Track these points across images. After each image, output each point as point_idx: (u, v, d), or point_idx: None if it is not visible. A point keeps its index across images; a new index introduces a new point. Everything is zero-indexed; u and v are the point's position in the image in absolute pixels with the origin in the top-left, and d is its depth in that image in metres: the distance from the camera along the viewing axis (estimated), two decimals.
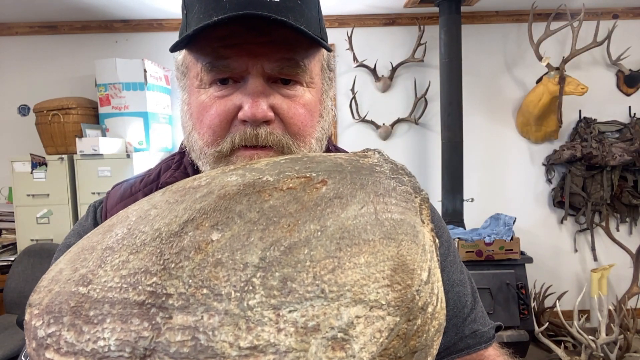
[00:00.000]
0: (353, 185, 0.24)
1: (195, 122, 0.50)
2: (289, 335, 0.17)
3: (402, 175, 0.27)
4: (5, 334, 2.25)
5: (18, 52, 3.16)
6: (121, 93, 2.80)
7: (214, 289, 0.18)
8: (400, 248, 0.21)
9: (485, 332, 0.57)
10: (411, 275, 0.20)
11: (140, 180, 0.60)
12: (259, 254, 0.19)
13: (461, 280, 0.58)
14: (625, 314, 2.58)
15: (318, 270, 0.19)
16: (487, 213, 3.00)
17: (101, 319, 0.18)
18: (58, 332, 0.19)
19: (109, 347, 0.18)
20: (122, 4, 2.85)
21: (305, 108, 0.50)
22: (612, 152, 3.00)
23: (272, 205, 0.22)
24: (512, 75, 3.27)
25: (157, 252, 0.20)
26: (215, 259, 0.19)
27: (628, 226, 3.30)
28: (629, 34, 3.19)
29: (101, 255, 0.21)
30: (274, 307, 0.18)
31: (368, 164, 0.27)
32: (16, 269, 2.54)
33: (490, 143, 3.29)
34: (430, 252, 0.23)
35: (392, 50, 3.21)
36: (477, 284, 2.68)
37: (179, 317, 0.18)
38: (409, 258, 0.21)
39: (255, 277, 0.19)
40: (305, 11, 0.47)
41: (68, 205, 2.69)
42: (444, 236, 0.59)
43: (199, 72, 0.49)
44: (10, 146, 3.15)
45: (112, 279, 0.19)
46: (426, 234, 0.24)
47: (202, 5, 0.46)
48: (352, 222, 0.21)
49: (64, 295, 0.20)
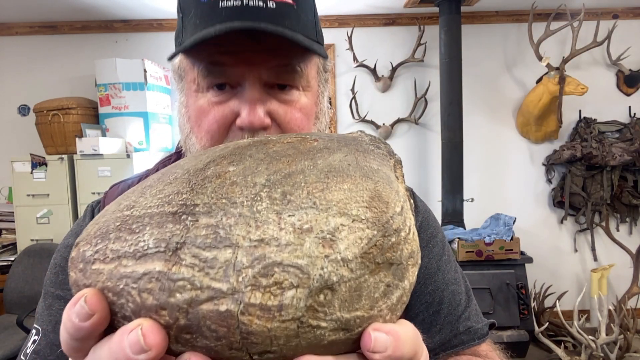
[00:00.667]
0: (339, 143, 0.30)
1: (193, 125, 0.51)
2: (288, 233, 0.23)
3: (379, 143, 0.33)
4: (5, 334, 2.25)
5: (18, 52, 3.16)
6: (121, 93, 2.80)
7: (230, 199, 0.24)
8: (376, 185, 0.26)
9: (479, 329, 0.58)
10: (386, 205, 0.25)
11: (138, 179, 0.61)
12: (265, 177, 0.26)
13: (455, 279, 0.59)
14: (625, 314, 2.58)
15: (311, 189, 0.25)
16: (487, 213, 3.00)
17: (142, 228, 0.24)
18: (104, 246, 0.24)
19: (148, 246, 0.23)
20: (122, 4, 2.85)
21: (301, 112, 0.51)
22: (612, 152, 3.00)
23: (275, 150, 0.28)
24: (512, 75, 3.27)
25: (186, 180, 0.26)
26: (232, 181, 0.25)
27: (628, 226, 3.30)
28: (629, 34, 3.19)
29: (141, 190, 0.27)
30: (277, 212, 0.24)
31: (352, 136, 0.33)
32: (16, 269, 2.54)
33: (490, 143, 3.29)
34: (403, 199, 0.27)
35: (392, 50, 3.22)
36: (477, 284, 2.68)
37: (203, 219, 0.23)
38: (384, 193, 0.26)
39: (263, 191, 0.25)
40: (301, 16, 0.47)
41: (68, 205, 2.69)
42: (438, 236, 0.60)
43: (195, 77, 0.50)
44: (10, 146, 3.15)
45: (151, 201, 0.25)
46: (400, 187, 0.29)
47: (199, 11, 0.46)
48: (338, 163, 0.27)
49: (110, 221, 0.25)
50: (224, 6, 0.45)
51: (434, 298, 0.57)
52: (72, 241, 0.55)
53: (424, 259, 0.58)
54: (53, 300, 0.54)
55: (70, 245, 0.55)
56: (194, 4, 0.47)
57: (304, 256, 0.22)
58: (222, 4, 0.45)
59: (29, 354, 0.52)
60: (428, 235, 0.60)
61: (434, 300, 0.57)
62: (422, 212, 0.61)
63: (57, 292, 0.54)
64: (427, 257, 0.58)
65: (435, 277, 0.58)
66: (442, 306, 0.57)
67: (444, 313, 0.57)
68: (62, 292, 0.54)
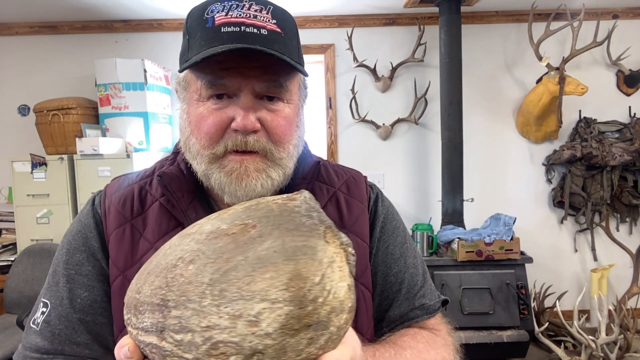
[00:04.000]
0: (273, 226, 0.38)
1: (193, 128, 0.60)
2: (225, 320, 0.33)
3: (312, 212, 0.41)
4: (5, 334, 2.25)
5: (18, 52, 3.16)
6: (121, 93, 2.80)
7: (188, 296, 0.34)
8: (297, 264, 0.35)
9: (431, 305, 0.71)
10: (304, 281, 0.34)
11: (137, 174, 0.70)
12: (209, 277, 0.35)
13: (414, 264, 0.72)
14: (625, 314, 2.58)
15: (240, 284, 0.34)
16: (487, 213, 3.00)
17: (144, 311, 0.37)
18: (129, 318, 0.39)
19: (148, 326, 0.36)
20: (122, 4, 2.85)
21: (285, 120, 0.61)
22: (612, 152, 3.00)
23: (220, 246, 0.37)
24: (512, 75, 3.27)
25: (164, 276, 0.37)
26: (189, 281, 0.35)
27: (628, 226, 3.30)
28: (629, 34, 3.19)
29: (145, 277, 0.39)
30: (217, 305, 0.33)
31: (291, 207, 0.41)
32: (16, 269, 2.54)
33: (490, 143, 3.29)
34: (328, 263, 0.37)
35: (392, 50, 3.22)
36: (477, 284, 2.69)
37: (173, 312, 0.35)
38: (303, 270, 0.35)
39: (207, 290, 0.34)
40: (287, 42, 0.58)
41: (68, 205, 2.69)
42: (400, 227, 0.74)
43: (199, 88, 0.59)
44: (10, 146, 3.15)
45: (147, 290, 0.38)
46: (329, 250, 0.38)
47: (204, 35, 0.57)
48: (265, 253, 0.35)
49: (131, 298, 0.40)
50: (226, 31, 0.55)
51: (397, 279, 0.70)
52: (78, 227, 0.66)
53: (390, 246, 0.71)
54: (60, 278, 0.63)
55: (75, 230, 0.66)
56: (200, 29, 0.57)
57: (237, 335, 0.33)
58: (224, 29, 0.55)
59: (39, 323, 0.62)
60: (392, 226, 0.72)
61: (396, 280, 0.70)
62: (387, 207, 0.74)
63: (64, 271, 0.63)
64: (392, 244, 0.71)
65: (399, 261, 0.70)
66: (402, 285, 0.70)
67: (404, 291, 0.70)
68: (66, 271, 0.63)
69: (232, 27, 0.55)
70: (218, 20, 0.56)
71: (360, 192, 0.71)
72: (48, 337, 0.61)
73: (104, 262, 0.64)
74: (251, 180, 0.59)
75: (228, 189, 0.59)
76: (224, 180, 0.59)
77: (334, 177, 0.72)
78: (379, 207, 0.72)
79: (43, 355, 0.61)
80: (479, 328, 2.51)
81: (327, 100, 3.25)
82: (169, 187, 0.63)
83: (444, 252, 2.76)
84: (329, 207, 0.68)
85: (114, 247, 0.63)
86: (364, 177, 0.75)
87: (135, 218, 0.65)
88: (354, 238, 0.67)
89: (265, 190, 0.60)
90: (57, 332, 0.61)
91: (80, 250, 0.64)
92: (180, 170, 0.65)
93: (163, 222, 0.64)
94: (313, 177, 0.68)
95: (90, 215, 0.66)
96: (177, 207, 0.63)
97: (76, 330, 0.61)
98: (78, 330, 0.61)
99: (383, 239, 0.70)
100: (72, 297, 0.62)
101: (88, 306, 0.62)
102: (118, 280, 0.62)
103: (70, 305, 0.62)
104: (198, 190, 0.65)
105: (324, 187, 0.70)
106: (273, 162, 0.60)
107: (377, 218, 0.71)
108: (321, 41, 3.19)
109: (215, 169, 0.59)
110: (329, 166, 0.74)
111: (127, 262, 0.62)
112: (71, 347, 0.61)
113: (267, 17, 0.57)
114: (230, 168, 0.59)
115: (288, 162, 0.62)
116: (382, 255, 0.70)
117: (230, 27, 0.55)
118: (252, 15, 0.56)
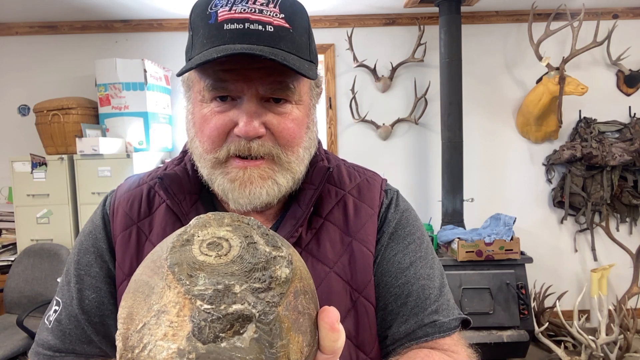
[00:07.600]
0: (151, 254, 0.35)
1: (197, 131, 0.58)
2: None
3: (175, 250, 0.38)
4: (5, 334, 2.25)
5: (18, 52, 3.16)
6: (121, 93, 2.80)
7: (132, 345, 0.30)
8: (134, 302, 0.31)
9: (445, 323, 0.61)
10: (131, 323, 0.31)
11: (148, 174, 0.69)
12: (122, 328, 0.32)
13: (429, 275, 0.64)
14: (625, 314, 2.58)
15: None
16: (487, 213, 3.00)
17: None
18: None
19: None
20: (122, 4, 2.85)
21: (294, 122, 0.57)
22: (612, 152, 3.00)
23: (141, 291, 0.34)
24: (512, 75, 3.27)
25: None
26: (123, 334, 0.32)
27: (628, 226, 3.30)
28: (629, 34, 3.19)
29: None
30: None
31: (174, 235, 0.37)
32: (16, 269, 2.54)
33: (490, 143, 3.29)
34: (157, 312, 0.30)
35: (392, 50, 3.22)
36: (477, 284, 2.68)
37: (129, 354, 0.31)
38: (134, 311, 0.31)
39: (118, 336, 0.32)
40: (296, 38, 0.54)
41: (68, 205, 2.69)
42: (416, 234, 0.66)
43: (201, 89, 0.56)
44: (10, 146, 3.15)
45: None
46: (166, 296, 0.31)
47: (206, 31, 0.54)
48: (142, 287, 0.32)
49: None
50: (228, 29, 0.52)
51: (402, 291, 0.62)
52: (89, 227, 0.66)
53: (398, 255, 0.63)
54: (71, 278, 0.63)
55: (87, 231, 0.66)
56: (202, 25, 0.54)
57: None
58: (226, 26, 0.52)
59: (52, 321, 0.62)
60: (405, 233, 0.65)
61: (402, 292, 0.62)
62: (401, 212, 0.66)
63: (75, 271, 0.63)
64: (402, 252, 0.63)
65: (407, 272, 0.62)
66: (409, 299, 0.61)
67: (411, 305, 0.61)
68: (76, 271, 0.63)
69: (235, 24, 0.52)
70: (221, 15, 0.52)
71: (372, 197, 0.66)
72: (59, 335, 0.61)
73: (111, 264, 0.63)
74: (255, 188, 0.56)
75: (232, 195, 0.57)
76: (228, 187, 0.57)
77: (346, 179, 0.67)
78: (390, 213, 0.65)
79: (55, 353, 0.61)
80: (479, 328, 2.51)
81: (327, 100, 3.25)
82: (169, 190, 0.61)
83: (444, 252, 2.76)
84: (335, 211, 0.64)
85: (120, 250, 0.62)
86: (381, 180, 0.69)
87: (142, 220, 0.63)
88: (358, 245, 0.62)
89: (272, 197, 0.57)
90: (68, 331, 0.61)
91: (90, 252, 0.64)
92: (186, 171, 0.64)
93: (168, 225, 0.62)
94: (321, 183, 0.63)
95: (100, 216, 0.66)
96: (180, 210, 0.61)
97: (85, 330, 0.61)
98: (87, 330, 0.61)
99: (390, 247, 0.64)
100: (81, 297, 0.62)
101: (95, 307, 0.62)
102: (124, 285, 0.61)
103: (79, 305, 0.61)
104: (203, 192, 0.63)
105: (333, 190, 0.65)
106: (281, 167, 0.57)
107: (386, 224, 0.65)
108: (321, 41, 3.19)
109: (219, 175, 0.57)
110: (343, 167, 0.69)
111: (133, 267, 0.61)
112: (82, 347, 0.61)
113: (274, 11, 0.53)
114: (234, 175, 0.56)
115: (298, 165, 0.59)
116: (386, 265, 0.63)
117: (234, 24, 0.52)
118: (258, 10, 0.52)
